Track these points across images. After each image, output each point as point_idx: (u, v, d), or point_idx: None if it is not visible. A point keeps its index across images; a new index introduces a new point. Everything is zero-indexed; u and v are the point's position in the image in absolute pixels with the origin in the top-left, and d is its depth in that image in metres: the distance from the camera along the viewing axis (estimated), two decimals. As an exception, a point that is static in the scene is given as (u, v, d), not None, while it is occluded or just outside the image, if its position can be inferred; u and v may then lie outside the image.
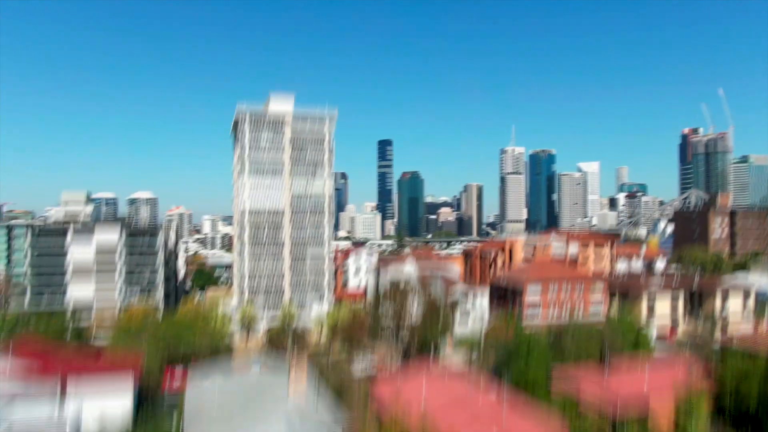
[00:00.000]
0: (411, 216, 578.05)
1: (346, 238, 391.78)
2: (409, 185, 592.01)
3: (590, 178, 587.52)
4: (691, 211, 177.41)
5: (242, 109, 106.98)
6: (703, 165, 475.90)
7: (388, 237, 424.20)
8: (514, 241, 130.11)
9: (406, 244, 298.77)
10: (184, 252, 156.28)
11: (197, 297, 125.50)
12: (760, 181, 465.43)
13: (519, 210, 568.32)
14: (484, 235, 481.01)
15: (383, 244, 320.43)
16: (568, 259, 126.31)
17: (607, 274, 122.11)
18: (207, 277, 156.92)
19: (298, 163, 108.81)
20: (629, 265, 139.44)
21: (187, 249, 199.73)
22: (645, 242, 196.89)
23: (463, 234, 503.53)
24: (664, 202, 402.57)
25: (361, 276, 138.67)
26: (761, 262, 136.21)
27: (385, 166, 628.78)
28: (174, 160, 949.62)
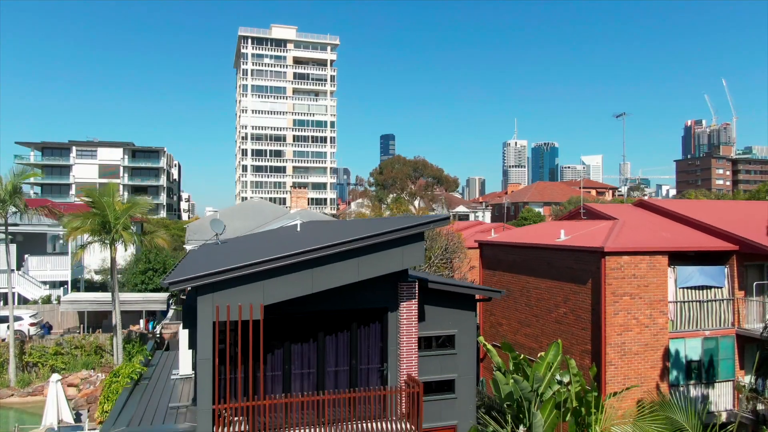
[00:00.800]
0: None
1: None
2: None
3: (593, 171, 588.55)
4: (694, 158, 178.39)
5: (245, 31, 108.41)
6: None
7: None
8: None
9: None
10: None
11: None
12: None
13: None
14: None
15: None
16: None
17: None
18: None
19: (300, 86, 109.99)
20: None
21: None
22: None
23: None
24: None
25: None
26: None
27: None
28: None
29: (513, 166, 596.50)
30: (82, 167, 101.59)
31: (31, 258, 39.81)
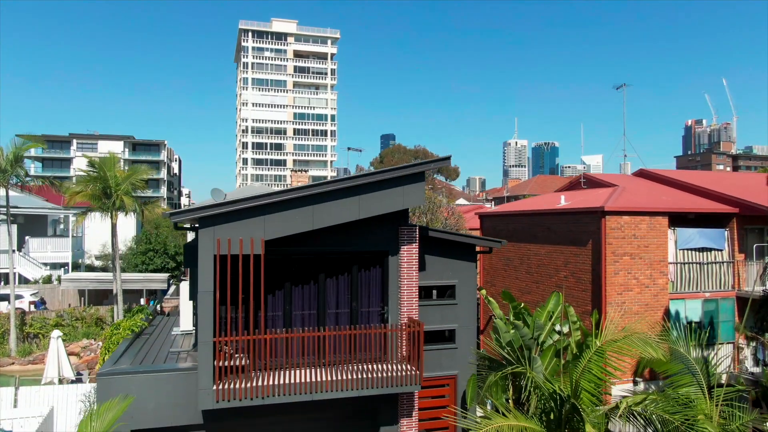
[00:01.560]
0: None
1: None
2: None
3: (593, 171, 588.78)
4: (694, 155, 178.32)
5: (246, 24, 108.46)
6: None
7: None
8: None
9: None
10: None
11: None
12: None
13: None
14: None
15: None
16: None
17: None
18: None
19: (301, 79, 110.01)
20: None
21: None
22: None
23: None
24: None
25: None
26: None
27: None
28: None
29: (513, 166, 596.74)
30: (83, 160, 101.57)
31: (32, 240, 39.87)
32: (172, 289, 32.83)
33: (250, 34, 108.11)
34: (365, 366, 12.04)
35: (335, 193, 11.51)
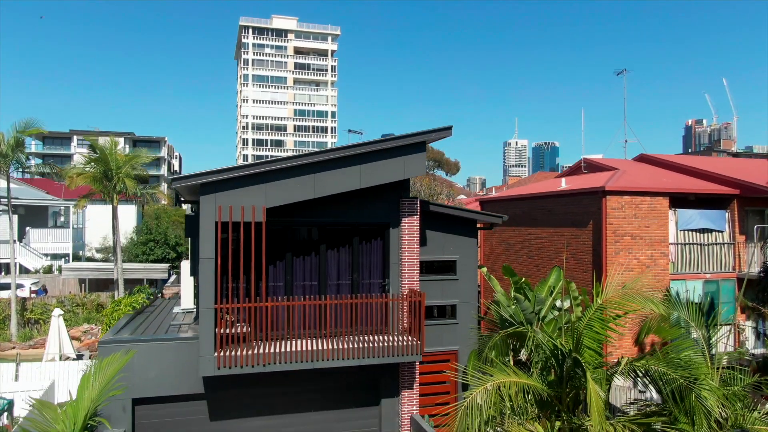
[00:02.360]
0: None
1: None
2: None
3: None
4: (694, 152, 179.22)
5: (246, 21, 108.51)
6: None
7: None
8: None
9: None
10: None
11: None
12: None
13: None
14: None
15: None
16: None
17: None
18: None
19: (301, 76, 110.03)
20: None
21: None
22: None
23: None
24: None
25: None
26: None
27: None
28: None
29: (513, 166, 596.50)
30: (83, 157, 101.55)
31: (33, 230, 39.87)
32: (172, 278, 32.82)
33: (250, 31, 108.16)
34: (366, 337, 12.05)
35: (336, 161, 11.52)
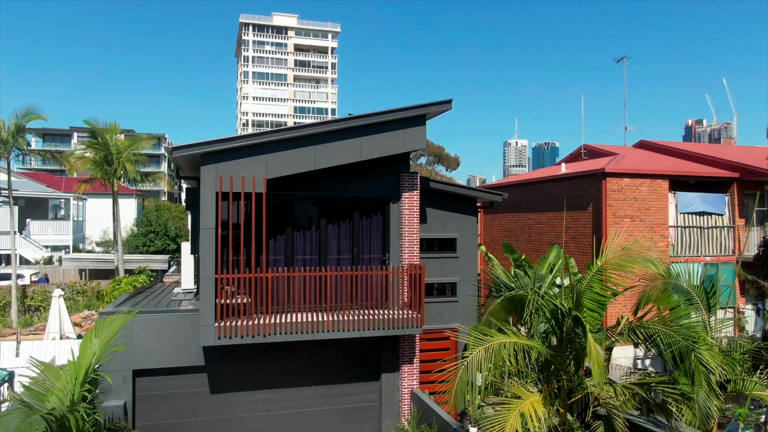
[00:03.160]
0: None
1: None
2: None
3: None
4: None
5: (246, 18, 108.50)
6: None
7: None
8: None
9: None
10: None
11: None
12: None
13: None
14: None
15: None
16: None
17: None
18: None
19: (301, 73, 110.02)
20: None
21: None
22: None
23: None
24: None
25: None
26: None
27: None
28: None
29: (514, 166, 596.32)
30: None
31: (33, 222, 39.87)
32: (172, 269, 32.85)
33: (250, 28, 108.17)
34: (367, 311, 12.06)
35: (336, 133, 11.54)
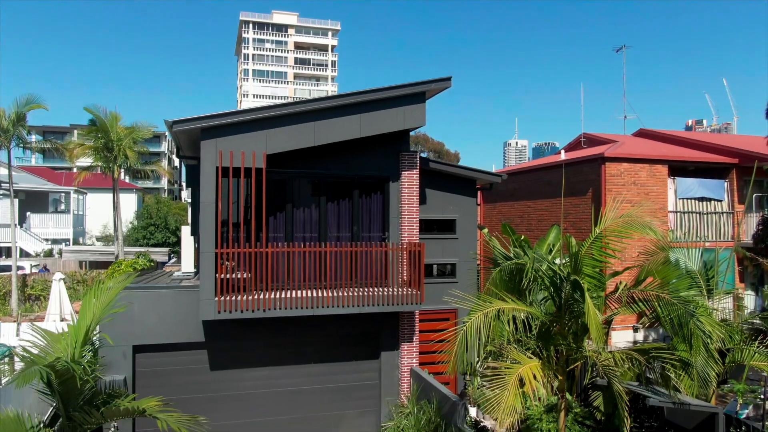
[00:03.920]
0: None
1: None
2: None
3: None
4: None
5: (246, 16, 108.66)
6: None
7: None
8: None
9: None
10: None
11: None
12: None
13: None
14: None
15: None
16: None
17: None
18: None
19: (301, 71, 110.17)
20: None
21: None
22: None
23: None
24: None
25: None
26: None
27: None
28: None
29: (514, 166, 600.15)
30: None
31: (33, 215, 39.94)
32: (172, 261, 32.95)
33: (250, 26, 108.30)
34: (366, 289, 12.10)
35: (336, 109, 11.58)
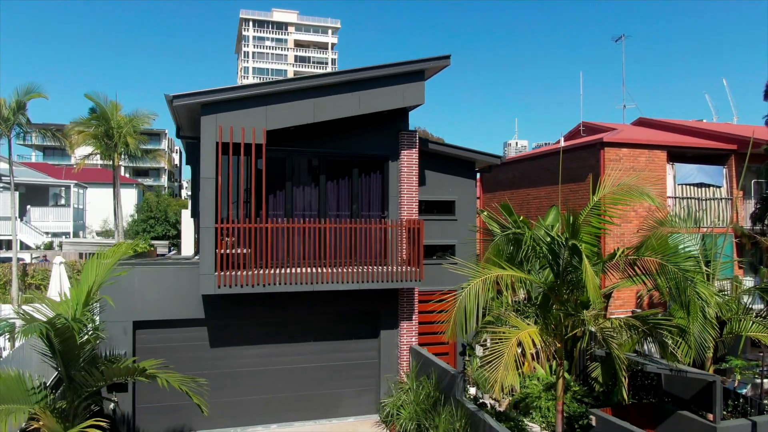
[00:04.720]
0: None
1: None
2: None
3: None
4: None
5: (246, 14, 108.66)
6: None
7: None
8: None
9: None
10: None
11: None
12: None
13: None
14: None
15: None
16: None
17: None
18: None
19: (301, 69, 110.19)
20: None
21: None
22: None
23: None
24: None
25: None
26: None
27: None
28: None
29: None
30: (83, 149, 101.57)
31: (33, 209, 39.99)
32: (173, 252, 33.01)
33: (250, 24, 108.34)
34: (366, 267, 12.13)
35: (336, 86, 11.63)
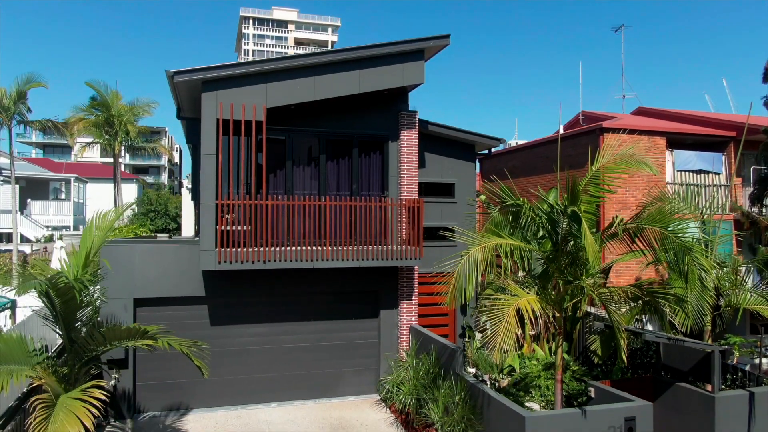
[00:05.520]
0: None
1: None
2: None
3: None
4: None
5: (246, 12, 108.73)
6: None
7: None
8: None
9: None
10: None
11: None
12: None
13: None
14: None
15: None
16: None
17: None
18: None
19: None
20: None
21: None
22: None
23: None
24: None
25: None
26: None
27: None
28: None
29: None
30: (84, 138, 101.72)
31: (34, 202, 40.04)
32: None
33: (250, 22, 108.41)
34: (366, 246, 12.17)
35: (336, 64, 11.68)
